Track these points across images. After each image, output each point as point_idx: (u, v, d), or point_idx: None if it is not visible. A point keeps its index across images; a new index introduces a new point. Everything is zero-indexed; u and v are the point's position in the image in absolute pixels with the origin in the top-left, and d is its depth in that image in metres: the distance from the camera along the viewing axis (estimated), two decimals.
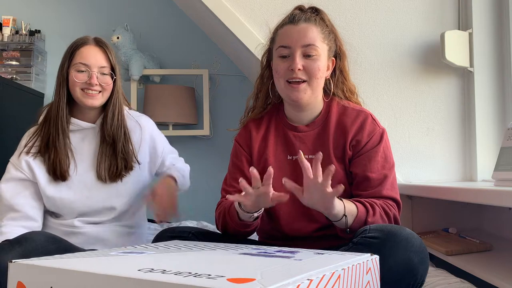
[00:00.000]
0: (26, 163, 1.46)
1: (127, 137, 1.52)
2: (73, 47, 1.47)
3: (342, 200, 1.14)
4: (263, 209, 1.19)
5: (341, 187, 1.03)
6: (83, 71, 1.44)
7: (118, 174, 1.49)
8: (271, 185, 1.08)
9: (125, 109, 1.58)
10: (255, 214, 1.18)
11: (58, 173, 1.44)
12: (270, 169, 1.07)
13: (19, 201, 1.44)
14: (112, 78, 1.48)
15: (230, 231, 1.26)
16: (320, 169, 1.05)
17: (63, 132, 1.46)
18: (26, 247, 1.16)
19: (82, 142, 1.50)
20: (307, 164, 1.07)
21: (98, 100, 1.47)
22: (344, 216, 1.13)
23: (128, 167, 1.50)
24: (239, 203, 1.17)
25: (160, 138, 1.65)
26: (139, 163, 1.53)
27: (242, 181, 1.09)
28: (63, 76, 1.46)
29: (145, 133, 1.58)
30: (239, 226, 1.22)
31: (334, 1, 2.03)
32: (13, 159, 1.49)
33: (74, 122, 1.49)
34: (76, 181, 1.47)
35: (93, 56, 1.46)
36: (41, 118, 1.52)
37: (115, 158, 1.48)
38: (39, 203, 1.47)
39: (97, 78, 1.44)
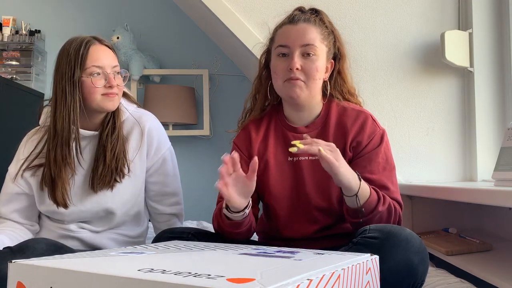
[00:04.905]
0: (24, 179, 1.40)
1: (121, 144, 1.39)
2: (79, 49, 1.31)
3: (360, 180, 1.14)
4: (250, 205, 1.17)
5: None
6: (99, 74, 1.32)
7: (108, 182, 1.37)
8: (241, 169, 1.12)
9: (131, 108, 1.48)
10: (241, 213, 1.15)
11: (59, 203, 1.36)
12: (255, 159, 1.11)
13: (14, 215, 1.42)
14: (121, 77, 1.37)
15: (226, 235, 1.24)
16: None
17: (70, 161, 1.34)
18: (28, 256, 1.16)
19: (83, 151, 1.40)
20: None
21: (117, 102, 1.37)
22: (356, 196, 1.13)
23: (119, 176, 1.38)
24: (226, 206, 1.16)
25: (164, 148, 1.48)
26: (129, 171, 1.40)
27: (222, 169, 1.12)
28: (74, 84, 1.29)
29: (145, 137, 1.44)
30: (231, 227, 1.20)
31: (334, 2, 2.03)
32: (11, 169, 1.42)
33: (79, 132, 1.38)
34: (72, 194, 1.38)
35: (105, 56, 1.33)
36: (42, 119, 1.43)
37: (108, 166, 1.36)
38: (35, 211, 1.44)
39: (114, 79, 1.33)
